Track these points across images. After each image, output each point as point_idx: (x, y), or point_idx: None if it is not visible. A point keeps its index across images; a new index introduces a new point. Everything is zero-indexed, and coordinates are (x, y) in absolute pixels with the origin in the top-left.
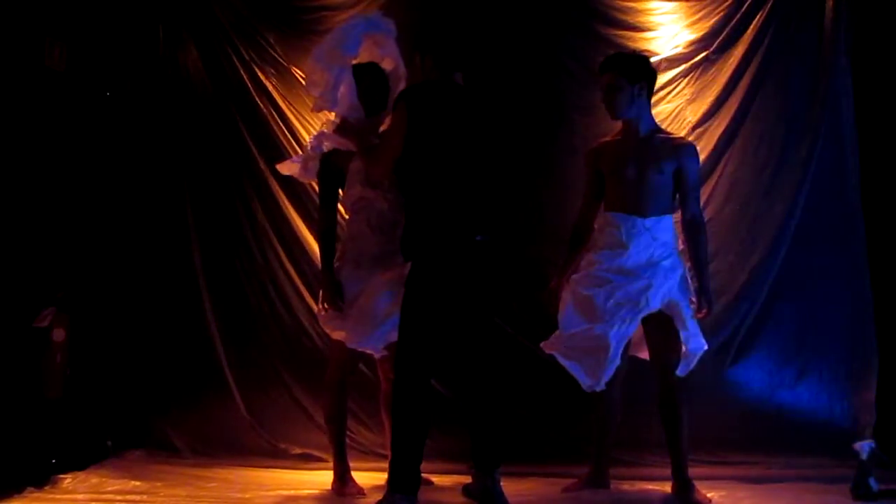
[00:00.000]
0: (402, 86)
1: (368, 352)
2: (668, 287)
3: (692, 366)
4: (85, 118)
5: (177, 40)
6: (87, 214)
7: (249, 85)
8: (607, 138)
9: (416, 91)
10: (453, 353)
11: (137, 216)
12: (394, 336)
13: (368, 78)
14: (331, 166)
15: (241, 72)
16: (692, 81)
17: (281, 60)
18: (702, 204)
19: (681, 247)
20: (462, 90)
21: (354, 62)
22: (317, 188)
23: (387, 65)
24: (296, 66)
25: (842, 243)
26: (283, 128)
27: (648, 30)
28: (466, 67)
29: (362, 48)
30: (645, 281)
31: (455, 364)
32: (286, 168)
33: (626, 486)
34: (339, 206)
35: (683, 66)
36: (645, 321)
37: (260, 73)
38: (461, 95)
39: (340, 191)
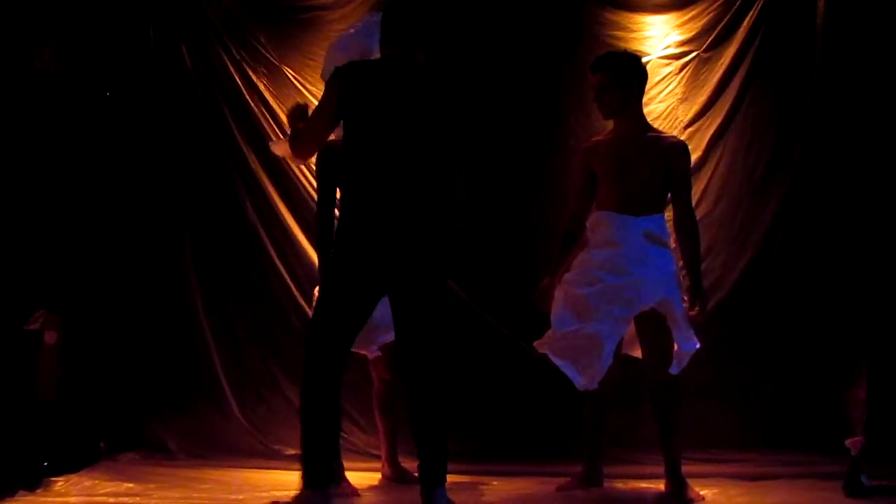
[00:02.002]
0: None
1: (362, 353)
2: (661, 286)
3: (685, 364)
4: (76, 118)
5: (168, 40)
6: (78, 215)
7: (241, 84)
8: (599, 137)
9: (352, 68)
10: (404, 360)
11: (128, 217)
12: (387, 337)
13: None
14: (332, 163)
15: (232, 71)
16: (684, 81)
17: (272, 60)
18: (694, 202)
19: (673, 245)
20: (412, 69)
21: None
22: (311, 183)
23: None
24: (287, 66)
25: (832, 241)
26: (275, 127)
27: (640, 30)
28: (416, 44)
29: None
30: (637, 279)
31: (404, 374)
32: (279, 148)
33: (620, 485)
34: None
35: (675, 66)
36: (637, 320)
37: (251, 73)
38: (408, 74)
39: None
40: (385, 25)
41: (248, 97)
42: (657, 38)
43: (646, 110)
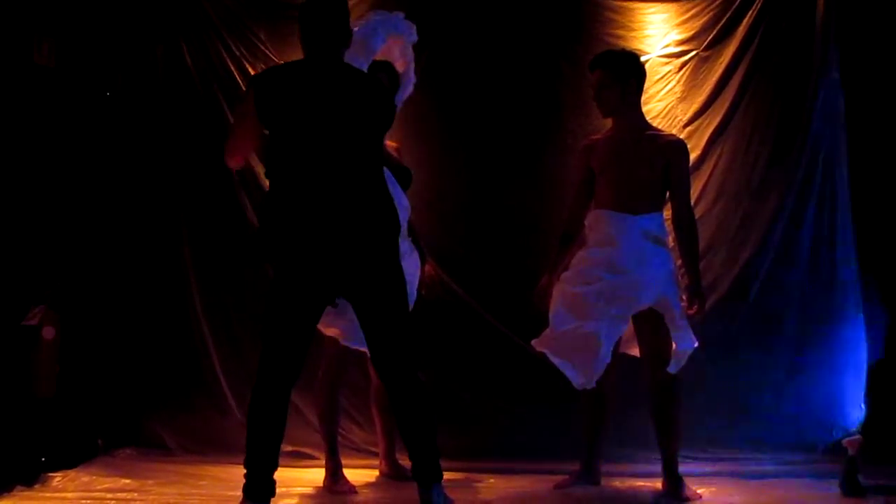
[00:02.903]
0: (409, 89)
1: (362, 350)
2: (659, 284)
3: (683, 363)
4: (75, 114)
5: (167, 36)
6: (77, 211)
7: (240, 81)
8: (598, 136)
9: (267, 74)
10: (378, 364)
11: (127, 213)
12: None
13: (384, 75)
14: None
15: (232, 68)
16: (683, 80)
17: (271, 56)
18: (693, 201)
19: (671, 244)
20: (333, 69)
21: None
22: None
23: (399, 66)
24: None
25: (831, 240)
26: None
27: (640, 28)
28: (336, 42)
29: (384, 46)
30: (635, 278)
31: (381, 377)
32: None
33: (617, 483)
34: None
35: (674, 64)
36: (635, 318)
37: (250, 70)
38: (329, 75)
39: None
40: (302, 25)
41: None
42: (656, 36)
43: (645, 109)
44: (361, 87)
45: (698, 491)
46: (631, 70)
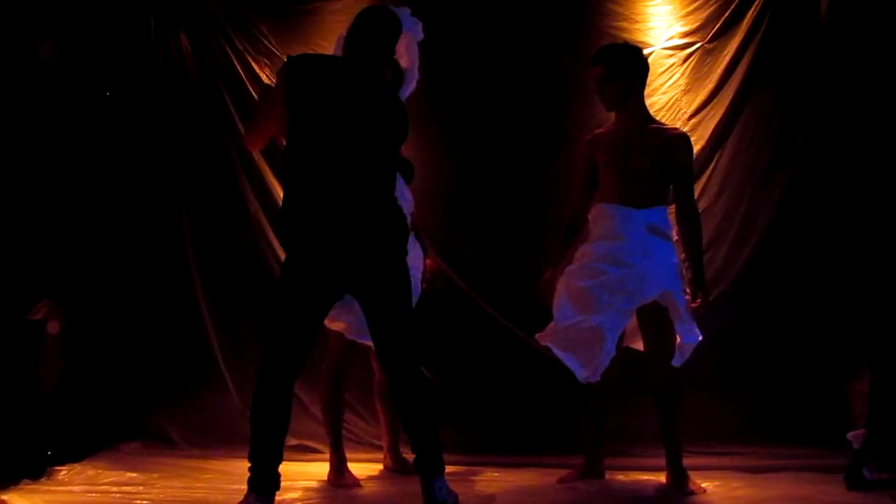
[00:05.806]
0: (413, 86)
1: (367, 344)
2: (663, 278)
3: (687, 356)
4: (78, 109)
5: (169, 30)
6: (81, 206)
7: (243, 75)
8: (601, 129)
9: (304, 59)
10: (383, 357)
11: (131, 208)
12: None
13: (388, 71)
14: None
15: (235, 62)
16: (687, 72)
17: (274, 51)
18: (696, 194)
19: (675, 237)
20: (366, 72)
21: None
22: None
23: (403, 63)
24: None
25: (835, 234)
26: None
27: (643, 21)
28: (375, 54)
29: None
30: (639, 272)
31: (386, 370)
32: None
33: (621, 477)
34: None
35: (678, 57)
36: (639, 312)
37: (253, 64)
38: (361, 76)
39: None
40: (350, 31)
41: (250, 88)
42: (660, 28)
43: (649, 102)
44: (388, 100)
45: (702, 484)
46: (634, 63)
